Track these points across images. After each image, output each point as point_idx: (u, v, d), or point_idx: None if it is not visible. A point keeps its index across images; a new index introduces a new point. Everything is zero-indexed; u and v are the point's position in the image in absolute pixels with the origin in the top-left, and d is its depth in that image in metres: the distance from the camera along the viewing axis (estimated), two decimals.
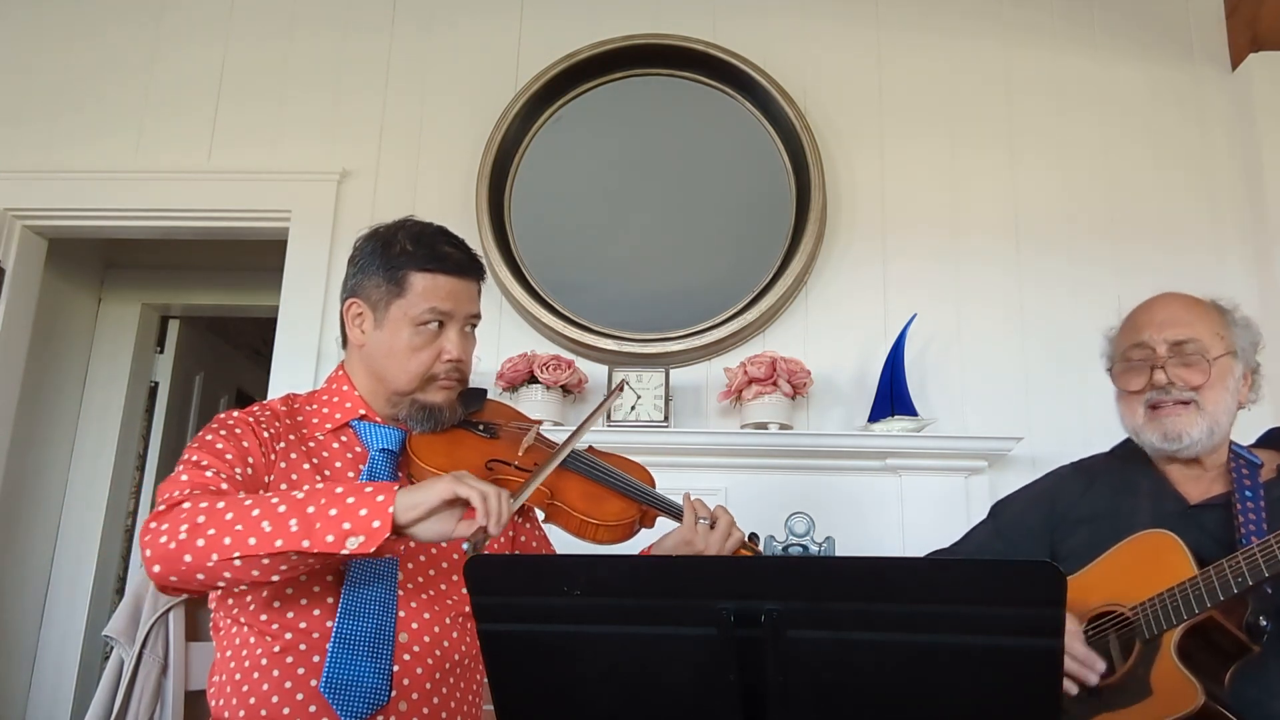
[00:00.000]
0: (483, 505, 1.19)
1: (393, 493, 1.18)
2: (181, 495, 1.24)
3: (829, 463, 2.49)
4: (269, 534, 1.16)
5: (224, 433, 1.37)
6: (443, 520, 1.19)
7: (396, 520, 1.16)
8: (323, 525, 1.16)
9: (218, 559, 1.17)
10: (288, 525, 1.16)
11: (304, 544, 1.15)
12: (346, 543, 1.15)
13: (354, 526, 1.15)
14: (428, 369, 1.45)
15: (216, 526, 1.18)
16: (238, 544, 1.16)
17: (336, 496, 1.18)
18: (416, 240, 1.46)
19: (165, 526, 1.20)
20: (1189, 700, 1.32)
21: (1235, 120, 2.79)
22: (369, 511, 1.16)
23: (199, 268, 3.77)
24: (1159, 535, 1.46)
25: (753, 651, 0.87)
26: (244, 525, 1.17)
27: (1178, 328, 1.56)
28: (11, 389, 2.95)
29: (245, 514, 1.18)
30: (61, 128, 2.95)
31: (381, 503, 1.17)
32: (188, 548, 1.17)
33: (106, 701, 1.49)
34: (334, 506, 1.17)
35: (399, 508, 1.17)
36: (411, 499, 1.18)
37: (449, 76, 2.93)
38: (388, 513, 1.16)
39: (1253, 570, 1.32)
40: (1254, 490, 1.49)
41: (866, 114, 2.84)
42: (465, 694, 1.38)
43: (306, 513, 1.17)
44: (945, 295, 2.70)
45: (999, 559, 1.64)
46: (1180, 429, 1.53)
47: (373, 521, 1.15)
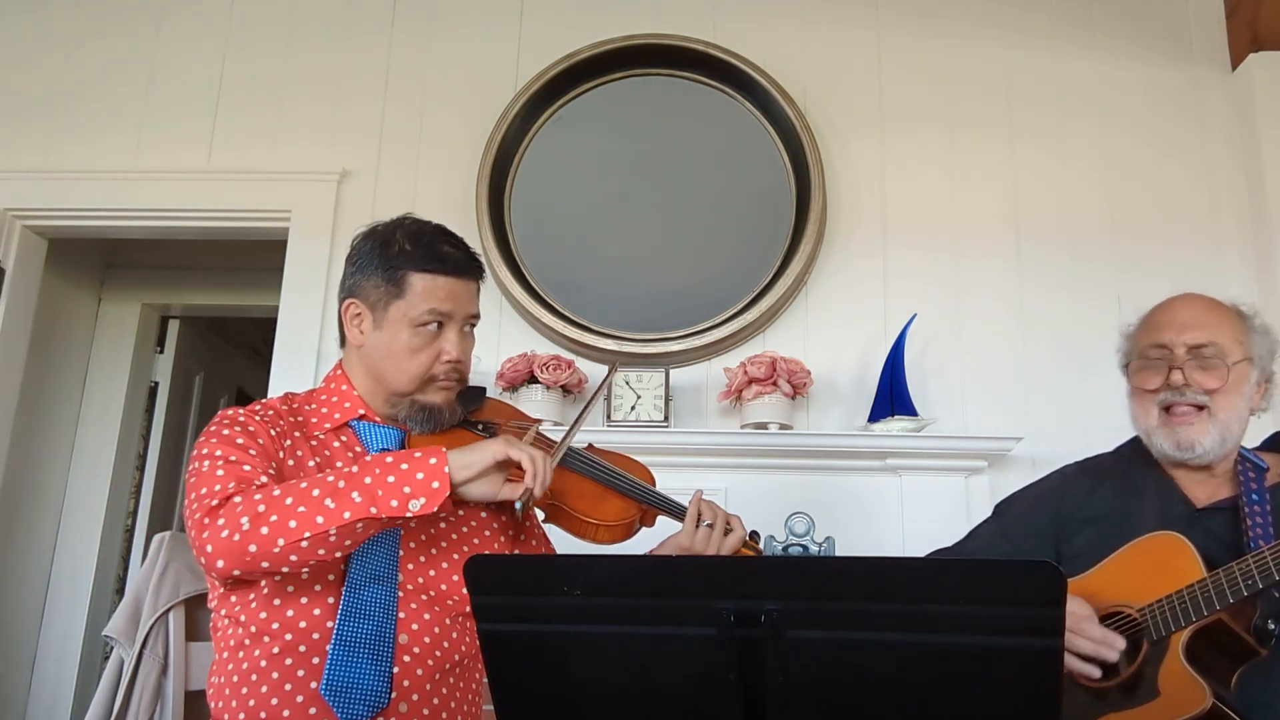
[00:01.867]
0: (531, 466, 1.28)
1: (444, 455, 1.25)
2: (225, 490, 1.25)
3: (829, 463, 2.49)
4: (334, 509, 1.21)
5: (238, 428, 1.36)
6: (491, 481, 1.28)
7: (453, 480, 1.24)
8: (385, 492, 1.22)
9: (285, 543, 1.20)
10: (350, 497, 1.21)
11: (372, 510, 1.21)
12: (410, 505, 1.21)
13: (414, 490, 1.22)
14: (427, 370, 1.44)
15: (279, 512, 1.21)
16: (305, 524, 1.20)
17: (390, 465, 1.24)
18: (415, 240, 1.45)
19: (223, 521, 1.22)
20: (1197, 702, 1.32)
21: (1235, 120, 2.79)
22: (425, 474, 1.23)
23: (199, 268, 3.77)
24: (1168, 537, 1.46)
25: (753, 651, 0.87)
26: (307, 506, 1.21)
27: (1198, 330, 1.54)
28: (11, 389, 2.95)
29: (305, 496, 1.22)
30: (62, 128, 2.95)
31: (435, 465, 1.24)
32: (252, 537, 1.20)
33: (106, 701, 1.49)
34: (391, 474, 1.23)
35: (453, 467, 1.24)
36: (465, 459, 1.26)
37: (449, 77, 2.93)
38: (444, 473, 1.23)
39: (1263, 574, 1.32)
40: (1260, 494, 1.49)
41: (866, 114, 2.84)
42: (465, 694, 1.38)
43: (365, 483, 1.22)
44: (945, 295, 2.70)
45: (999, 559, 1.63)
46: (1193, 438, 1.52)
47: (432, 482, 1.23)
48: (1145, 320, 1.64)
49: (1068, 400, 2.58)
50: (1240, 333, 1.56)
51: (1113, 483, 1.64)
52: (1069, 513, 1.65)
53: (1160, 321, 1.59)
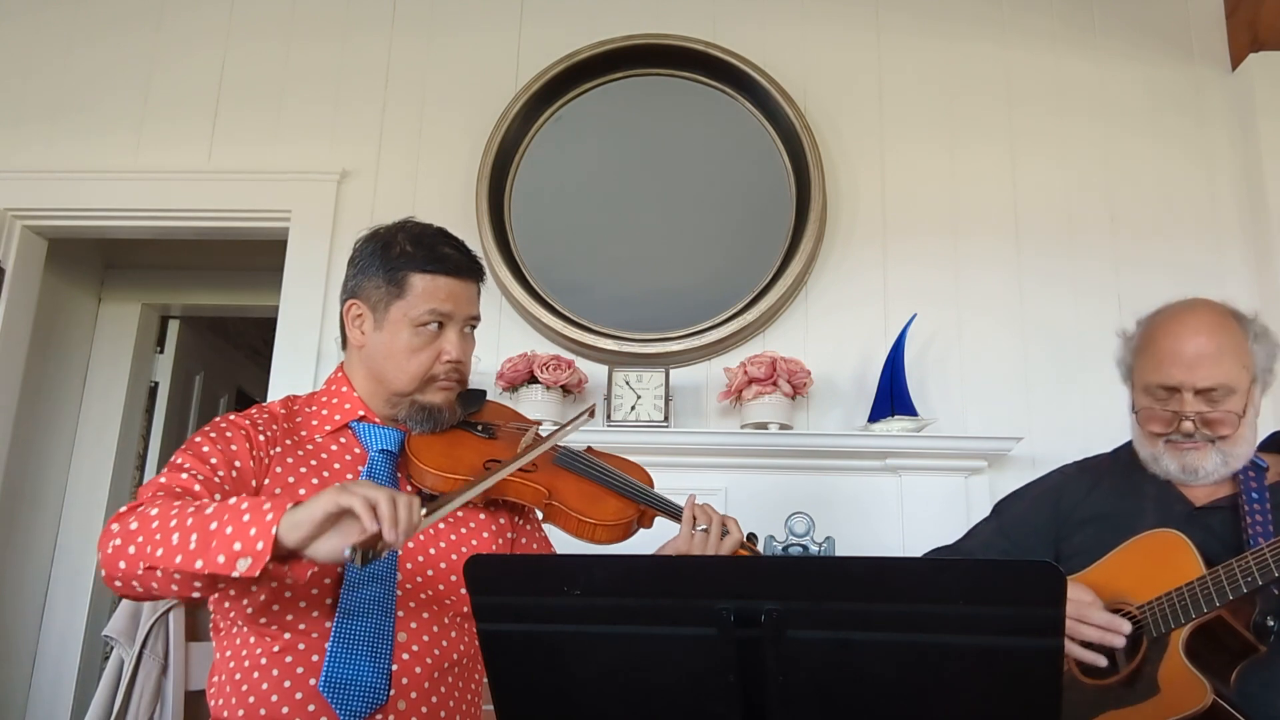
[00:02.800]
0: (368, 512, 1.07)
1: (282, 509, 1.10)
2: (146, 498, 1.23)
3: (829, 463, 2.49)
4: (174, 548, 1.12)
5: (214, 435, 1.36)
6: (342, 534, 1.09)
7: (282, 540, 1.08)
8: (217, 544, 1.10)
9: (144, 568, 1.14)
10: (188, 543, 1.11)
11: (197, 564, 1.10)
12: (237, 564, 1.09)
13: (244, 547, 1.09)
14: (427, 370, 1.45)
15: (145, 534, 1.15)
16: (153, 560, 1.13)
17: (237, 512, 1.12)
18: (416, 241, 1.46)
19: (116, 528, 1.18)
20: (1197, 698, 1.32)
21: (1235, 120, 2.79)
22: (257, 530, 1.09)
23: (199, 268, 3.77)
24: (1167, 534, 1.46)
25: (753, 651, 0.87)
26: (162, 535, 1.13)
27: (1207, 371, 1.50)
28: (11, 389, 2.95)
29: (165, 524, 1.14)
30: (62, 128, 2.95)
31: (268, 521, 1.09)
32: (121, 554, 1.16)
33: (106, 701, 1.49)
34: (231, 524, 1.11)
35: (283, 527, 1.08)
36: (294, 518, 1.09)
37: (449, 77, 2.93)
38: (270, 533, 1.08)
39: (1262, 571, 1.32)
40: (1260, 493, 1.49)
41: (866, 114, 2.84)
42: (464, 694, 1.38)
43: (209, 529, 1.11)
44: (945, 295, 2.70)
45: (999, 559, 1.64)
46: (1198, 464, 1.52)
47: (257, 543, 1.08)
48: (1150, 345, 1.58)
49: (1068, 400, 2.58)
50: (1244, 354, 1.53)
51: (1112, 482, 1.65)
52: (1068, 512, 1.65)
53: (1167, 356, 1.53)
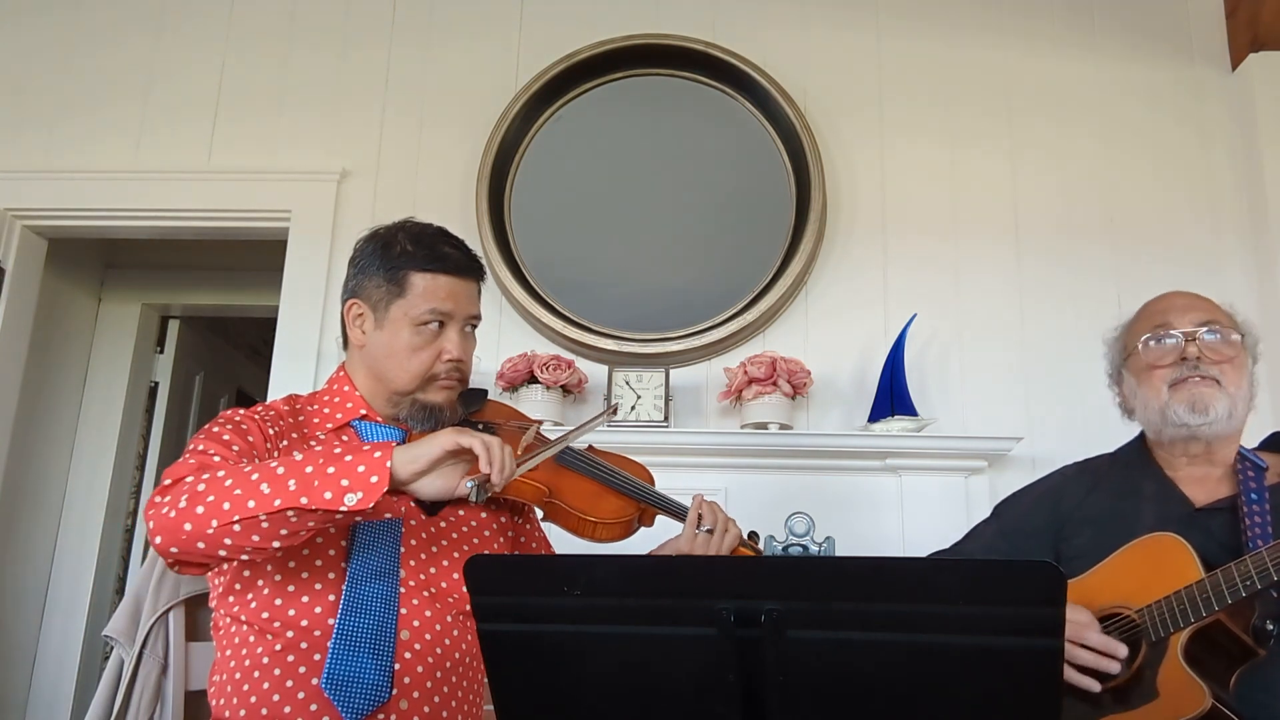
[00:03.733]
0: (486, 454, 1.19)
1: (391, 448, 1.18)
2: (183, 473, 1.24)
3: (829, 463, 2.49)
4: (267, 495, 1.16)
5: (230, 426, 1.37)
6: (446, 475, 1.20)
7: (395, 475, 1.16)
8: (321, 483, 1.15)
9: (217, 525, 1.16)
10: (286, 485, 1.16)
11: (302, 500, 1.15)
12: (345, 499, 1.15)
13: (352, 483, 1.15)
14: (428, 369, 1.45)
15: (216, 493, 1.18)
16: (236, 507, 1.16)
17: (335, 456, 1.18)
18: (417, 241, 1.47)
19: (168, 499, 1.20)
20: (1196, 703, 1.31)
21: (1235, 120, 2.79)
22: (367, 467, 1.16)
23: (199, 268, 3.77)
24: (1166, 538, 1.45)
25: (753, 651, 0.87)
26: (243, 489, 1.17)
27: (1200, 311, 1.58)
28: (11, 389, 2.95)
29: (244, 479, 1.18)
30: (62, 128, 2.95)
31: (379, 459, 1.16)
32: (188, 515, 1.18)
33: (106, 701, 1.49)
34: (332, 464, 1.17)
35: (397, 462, 1.17)
36: (411, 453, 1.18)
37: (449, 76, 2.93)
38: (385, 467, 1.16)
39: (1261, 575, 1.31)
40: (1260, 493, 1.48)
41: (866, 114, 2.84)
42: (466, 693, 1.38)
43: (305, 472, 1.17)
44: (945, 295, 2.70)
45: (999, 559, 1.63)
46: (1207, 401, 1.52)
47: (370, 477, 1.15)
48: (1140, 314, 1.65)
49: (1068, 400, 2.58)
50: (1233, 318, 1.60)
51: (1112, 483, 1.64)
52: (1068, 513, 1.64)
53: (1159, 309, 1.61)
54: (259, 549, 1.19)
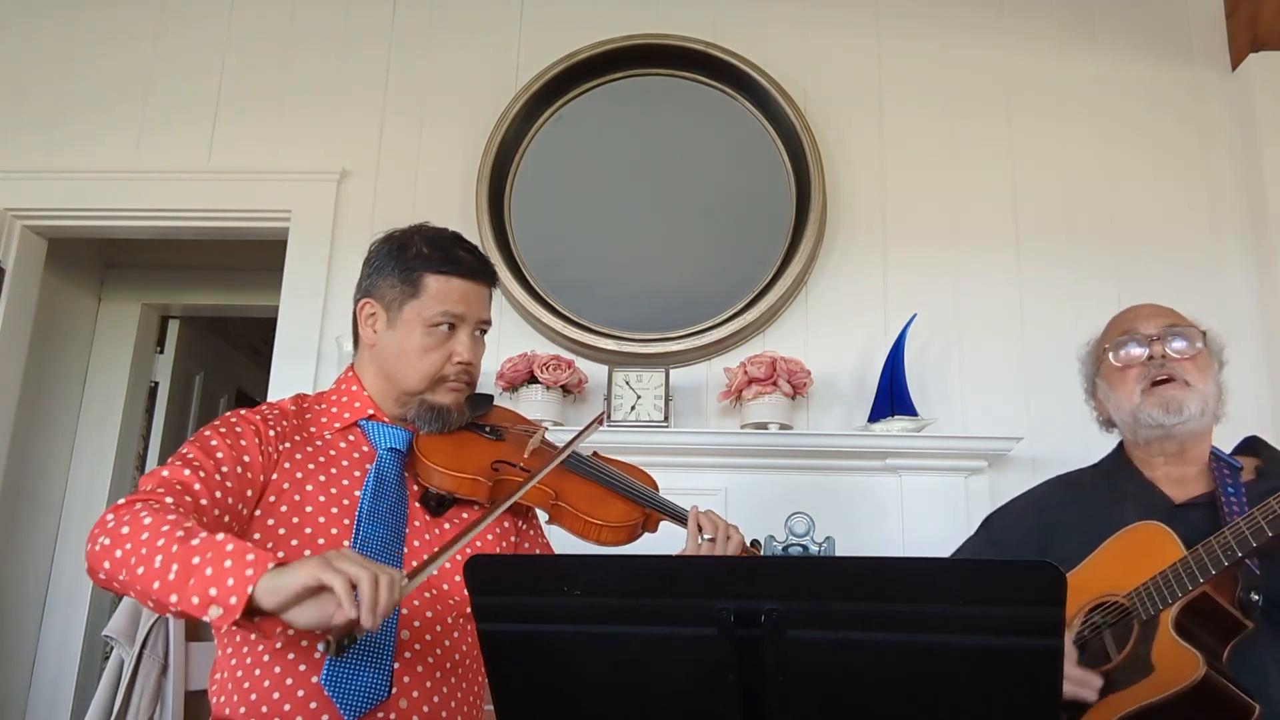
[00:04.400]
0: (346, 595, 1.04)
1: (265, 566, 1.08)
2: (145, 494, 1.23)
3: (829, 463, 2.49)
4: (154, 573, 1.12)
5: (224, 430, 1.37)
6: (320, 605, 1.07)
7: (258, 601, 1.07)
8: (195, 582, 1.09)
9: (124, 579, 1.15)
10: (166, 575, 1.10)
11: (171, 599, 1.10)
12: (209, 610, 1.08)
13: (219, 594, 1.07)
14: (438, 370, 1.46)
15: (133, 543, 1.15)
16: (132, 575, 1.13)
17: (221, 554, 1.10)
18: (432, 243, 1.49)
19: (110, 523, 1.19)
20: (1190, 670, 1.34)
21: (1235, 121, 2.79)
22: (235, 582, 1.07)
23: (199, 268, 3.77)
24: (1148, 526, 1.50)
25: (753, 651, 0.87)
26: (147, 553, 1.13)
27: (1163, 317, 1.66)
28: (11, 389, 2.95)
29: (153, 543, 1.13)
30: (62, 128, 2.94)
31: (250, 576, 1.07)
32: (107, 555, 1.17)
33: (106, 701, 1.49)
34: (213, 565, 1.09)
35: (260, 589, 1.07)
36: (274, 582, 1.07)
37: (449, 76, 2.93)
38: (246, 591, 1.06)
39: (1240, 543, 1.36)
40: (1236, 489, 1.54)
41: (867, 114, 2.84)
42: (466, 693, 1.38)
43: (190, 564, 1.10)
44: (945, 295, 2.70)
45: (999, 559, 1.66)
46: (1181, 400, 1.58)
47: (230, 597, 1.07)
48: (1107, 327, 1.74)
49: (1068, 400, 2.55)
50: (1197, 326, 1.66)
51: (1094, 490, 1.70)
52: (1052, 520, 1.70)
53: (1125, 318, 1.70)
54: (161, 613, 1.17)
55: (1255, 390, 2.58)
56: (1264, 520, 1.35)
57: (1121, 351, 1.65)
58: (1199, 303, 2.63)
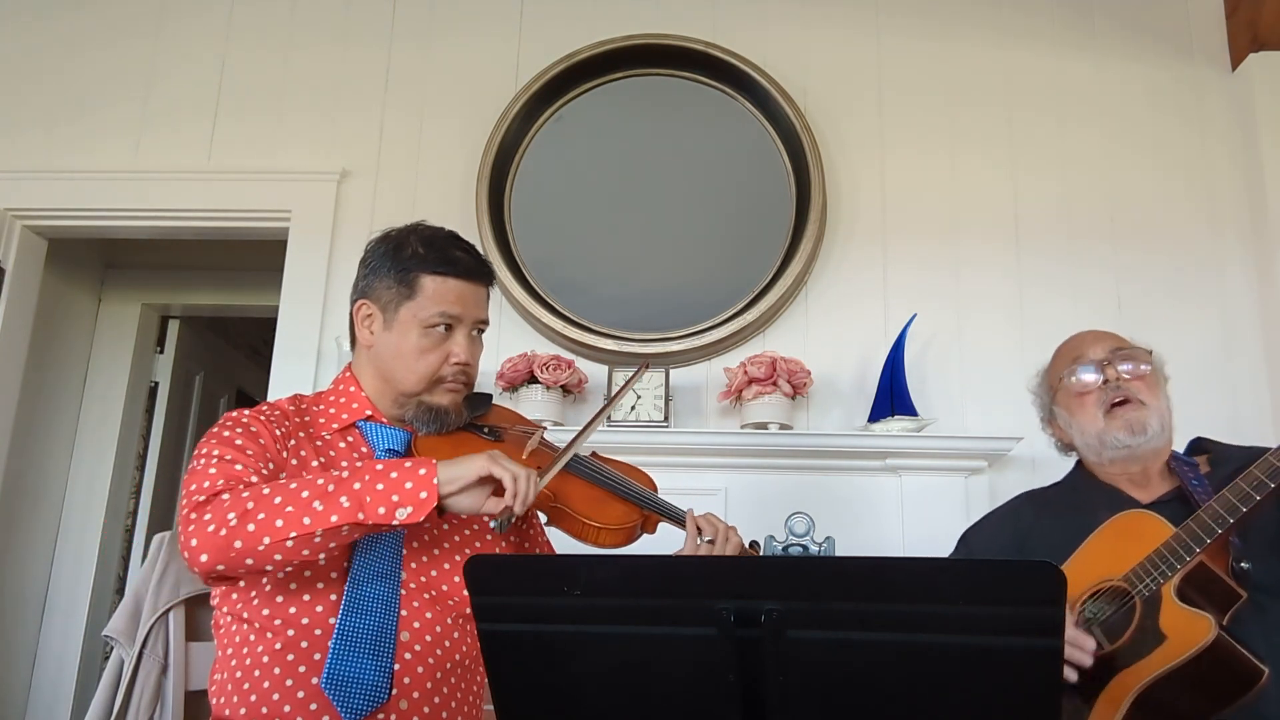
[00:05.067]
0: (512, 485, 1.27)
1: (434, 467, 1.25)
2: (215, 487, 1.26)
3: (829, 463, 2.49)
4: (322, 512, 1.22)
5: (240, 430, 1.37)
6: (474, 495, 1.27)
7: (440, 491, 1.24)
8: (373, 499, 1.22)
9: (270, 541, 1.21)
10: (339, 502, 1.22)
11: (359, 516, 1.22)
12: (397, 514, 1.22)
13: (402, 498, 1.23)
14: (435, 371, 1.46)
15: (267, 510, 1.22)
16: (291, 524, 1.21)
17: (380, 473, 1.25)
18: (428, 244, 1.48)
19: (209, 516, 1.23)
20: (1204, 630, 1.36)
21: (1235, 121, 2.79)
22: (414, 484, 1.23)
23: (199, 268, 3.77)
24: (1133, 513, 1.55)
25: (753, 651, 0.87)
26: (295, 506, 1.22)
27: (1110, 340, 1.73)
28: (11, 389, 2.95)
29: (294, 496, 1.23)
30: (62, 128, 2.95)
31: (425, 475, 1.24)
32: (239, 534, 1.21)
33: (106, 701, 1.49)
34: (380, 481, 1.24)
35: (441, 480, 1.24)
36: (452, 473, 1.25)
37: (449, 76, 2.93)
38: (433, 484, 1.24)
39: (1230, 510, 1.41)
40: (1199, 480, 1.59)
41: (866, 114, 2.84)
42: (466, 694, 1.38)
43: (354, 489, 1.23)
44: (945, 295, 2.70)
45: (999, 559, 1.66)
46: (1143, 420, 1.63)
47: (419, 493, 1.23)
48: (1055, 356, 1.81)
49: None
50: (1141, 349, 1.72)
51: (1064, 503, 1.73)
52: (1025, 531, 1.73)
53: (1072, 346, 1.77)
54: (305, 561, 1.25)
55: (1255, 389, 2.58)
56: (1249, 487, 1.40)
57: (1076, 378, 1.71)
58: (1199, 303, 2.66)
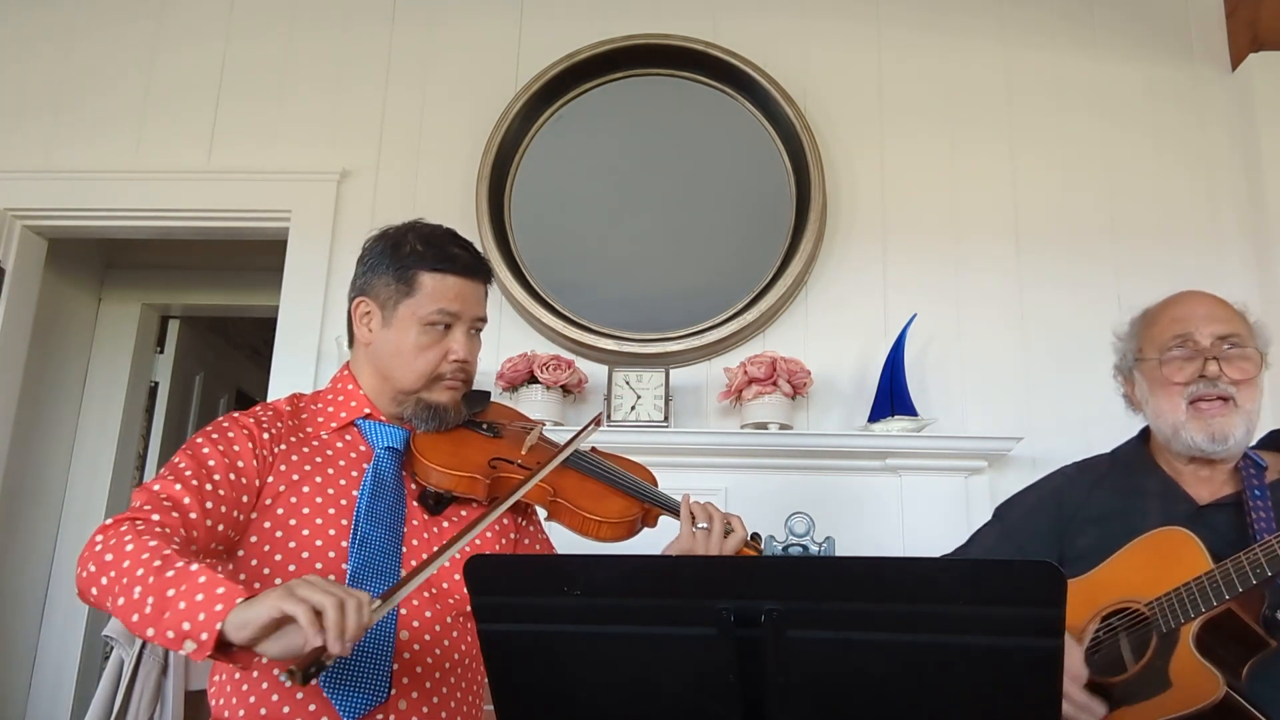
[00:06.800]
0: (312, 623, 1.00)
1: (233, 603, 1.05)
2: (133, 511, 1.22)
3: (829, 463, 2.49)
4: (132, 605, 1.10)
5: (216, 436, 1.36)
6: (286, 637, 1.04)
7: (228, 637, 1.05)
8: (170, 616, 1.07)
9: (110, 607, 1.14)
10: (145, 605, 1.09)
11: (149, 632, 1.09)
12: (184, 644, 1.07)
13: (192, 629, 1.06)
14: (434, 368, 1.46)
15: (115, 570, 1.13)
16: (115, 605, 1.12)
17: (194, 587, 1.08)
18: (426, 241, 1.48)
19: (97, 548, 1.17)
20: (1210, 690, 1.31)
21: (1235, 120, 2.79)
22: (206, 617, 1.05)
23: (199, 268, 3.77)
24: (1173, 532, 1.45)
25: (753, 651, 0.87)
26: (127, 583, 1.11)
27: (1221, 322, 1.55)
28: (11, 389, 2.95)
29: (133, 572, 1.12)
30: (62, 127, 2.94)
31: (218, 612, 1.05)
32: (94, 582, 1.16)
33: (106, 701, 1.49)
34: (185, 599, 1.07)
35: (229, 625, 1.04)
36: (242, 616, 1.04)
37: (449, 76, 2.93)
38: (215, 628, 1.04)
39: (1271, 562, 1.30)
40: (1262, 489, 1.48)
41: (866, 114, 2.84)
42: (466, 693, 1.38)
43: (165, 597, 1.08)
44: (945, 295, 2.70)
45: (999, 559, 1.63)
46: (1227, 430, 1.50)
47: (201, 633, 1.05)
48: (1156, 316, 1.62)
49: (1068, 400, 2.58)
50: (1249, 324, 1.58)
51: (1113, 483, 1.64)
52: (1071, 513, 1.64)
53: (1179, 315, 1.58)
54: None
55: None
56: None
57: (1174, 366, 1.54)
58: None
